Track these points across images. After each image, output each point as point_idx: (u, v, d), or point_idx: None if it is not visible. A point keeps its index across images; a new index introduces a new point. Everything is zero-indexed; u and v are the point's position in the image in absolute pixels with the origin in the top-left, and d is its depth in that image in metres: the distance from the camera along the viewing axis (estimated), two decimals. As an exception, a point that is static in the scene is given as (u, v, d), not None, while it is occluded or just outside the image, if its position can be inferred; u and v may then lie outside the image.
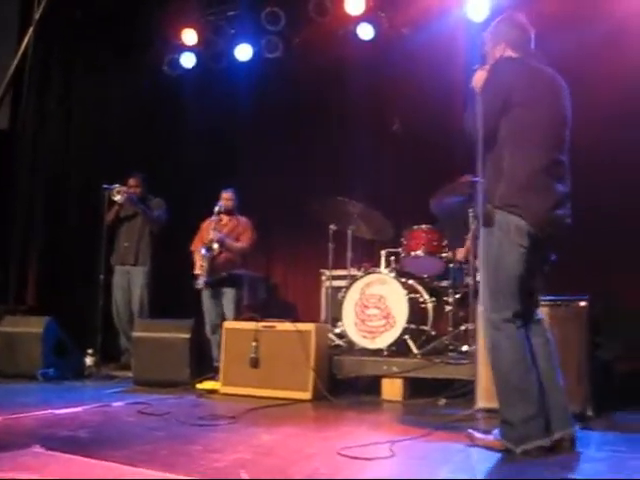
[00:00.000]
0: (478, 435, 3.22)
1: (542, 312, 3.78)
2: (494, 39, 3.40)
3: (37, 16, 1.93)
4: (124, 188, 6.54)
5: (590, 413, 4.05)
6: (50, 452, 2.81)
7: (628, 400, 4.42)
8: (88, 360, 6.04)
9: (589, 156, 5.67)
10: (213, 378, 5.34)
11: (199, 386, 5.28)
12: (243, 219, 6.55)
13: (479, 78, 3.28)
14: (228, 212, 6.48)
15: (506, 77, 3.20)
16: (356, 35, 7.17)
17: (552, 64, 3.38)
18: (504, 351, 3.10)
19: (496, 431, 3.15)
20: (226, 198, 6.48)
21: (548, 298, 4.33)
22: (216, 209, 6.33)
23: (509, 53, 3.34)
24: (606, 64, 5.77)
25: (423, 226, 5.68)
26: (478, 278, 5.56)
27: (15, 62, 1.92)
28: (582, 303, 4.26)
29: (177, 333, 5.49)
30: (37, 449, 2.84)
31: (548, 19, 5.44)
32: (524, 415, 3.01)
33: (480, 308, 3.34)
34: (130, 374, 5.69)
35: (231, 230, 6.44)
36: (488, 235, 3.18)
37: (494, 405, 4.13)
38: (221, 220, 6.46)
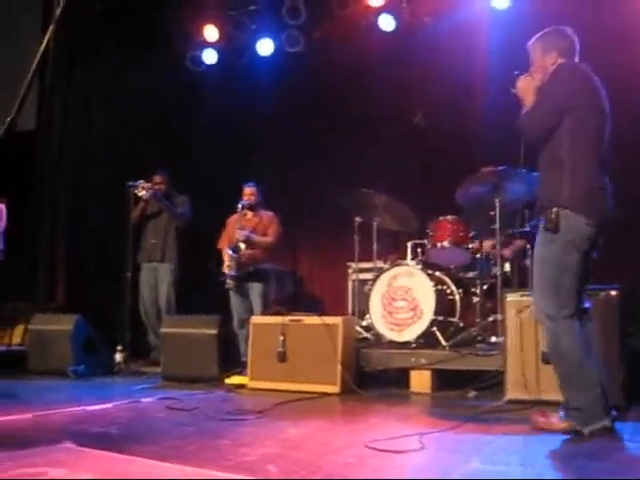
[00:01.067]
0: (541, 419, 3.37)
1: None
2: (544, 48, 3.52)
3: (58, 12, 1.93)
4: (149, 185, 6.57)
5: (622, 403, 3.99)
6: (81, 448, 2.84)
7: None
8: (117, 357, 6.08)
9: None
10: (241, 373, 5.36)
11: (227, 381, 5.30)
12: (267, 213, 6.54)
13: (526, 84, 3.48)
14: (252, 207, 6.46)
15: (567, 81, 3.36)
16: (378, 26, 7.13)
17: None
18: (565, 346, 3.24)
19: (562, 413, 3.31)
20: (248, 193, 6.46)
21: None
22: (239, 205, 6.32)
23: (561, 60, 3.46)
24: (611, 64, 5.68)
25: (449, 217, 5.63)
26: (506, 268, 5.58)
27: (37, 59, 1.93)
28: (613, 292, 4.20)
29: (204, 329, 5.52)
30: (68, 445, 2.87)
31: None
32: (590, 399, 3.18)
33: (510, 298, 3.44)
34: (159, 370, 5.73)
35: (256, 225, 6.43)
36: (549, 239, 3.28)
37: (523, 396, 4.13)
38: (245, 215, 6.45)
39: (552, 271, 3.29)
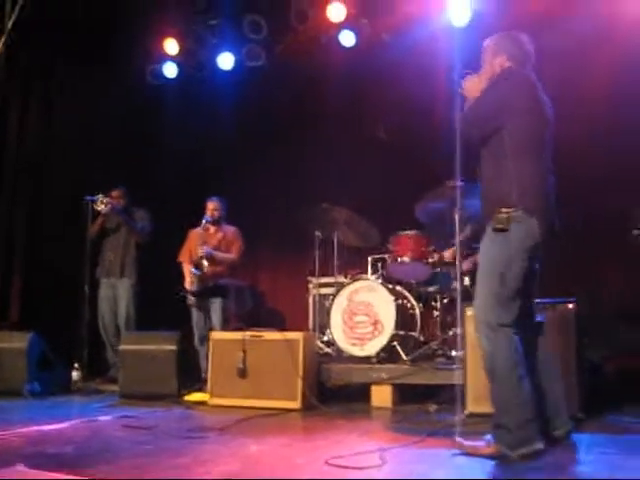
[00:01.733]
0: (467, 443, 3.20)
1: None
2: (495, 50, 3.49)
3: (10, 24, 1.89)
4: (107, 199, 6.48)
5: (580, 415, 4.04)
6: (34, 470, 2.76)
7: (616, 401, 4.42)
8: (74, 374, 5.96)
9: (577, 156, 5.74)
10: (201, 389, 5.30)
11: (187, 398, 5.24)
12: (231, 229, 6.46)
13: (471, 84, 3.46)
14: (215, 222, 6.40)
15: (509, 85, 3.31)
16: (338, 42, 7.16)
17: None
18: (500, 355, 3.12)
19: (488, 437, 3.13)
20: (212, 208, 6.38)
21: (536, 301, 4.34)
22: (203, 221, 6.24)
23: (509, 65, 3.43)
24: (591, 62, 5.81)
25: (409, 232, 5.67)
26: (466, 282, 5.63)
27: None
28: (570, 305, 4.26)
29: (163, 345, 5.45)
30: (20, 468, 2.79)
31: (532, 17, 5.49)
32: (521, 419, 3.03)
33: (470, 312, 3.35)
34: (117, 388, 5.62)
35: (219, 242, 6.35)
36: (498, 240, 3.20)
37: (484, 410, 4.13)
38: (208, 230, 6.38)
39: (495, 273, 3.18)
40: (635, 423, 4.00)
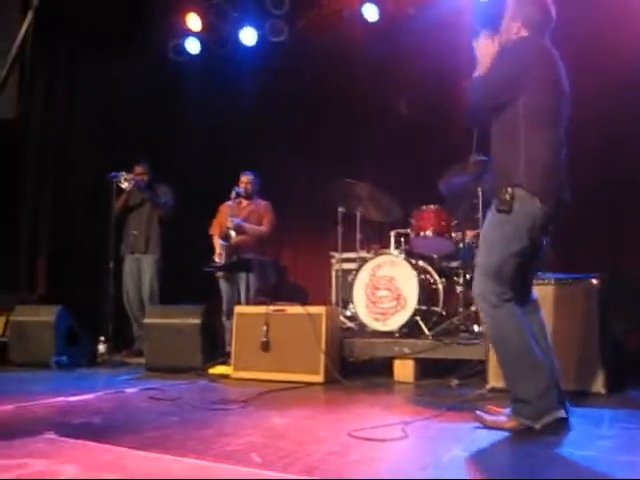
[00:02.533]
0: (488, 417, 3.19)
1: (552, 290, 3.82)
2: (514, 12, 3.31)
3: (35, 2, 1.91)
4: (131, 175, 6.54)
5: (602, 390, 4.04)
6: (63, 438, 2.82)
7: (638, 376, 4.41)
8: (100, 347, 6.07)
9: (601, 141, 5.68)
10: (225, 363, 5.36)
11: (211, 371, 5.30)
12: (263, 202, 6.49)
13: (485, 46, 3.28)
14: (248, 196, 6.41)
15: (525, 56, 3.16)
16: (361, 16, 7.11)
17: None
18: (509, 329, 3.08)
19: (507, 410, 3.13)
20: (245, 181, 6.41)
21: (559, 276, 4.33)
22: (233, 193, 6.25)
23: (524, 33, 3.27)
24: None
25: (432, 206, 5.65)
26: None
27: (14, 49, 1.90)
28: (594, 281, 4.23)
29: (188, 319, 5.52)
30: (50, 436, 2.85)
31: None
32: (538, 389, 3.01)
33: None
34: (142, 361, 5.72)
35: (250, 214, 6.38)
36: (502, 221, 3.11)
37: (505, 385, 4.15)
38: (240, 203, 6.40)
39: (498, 256, 3.11)
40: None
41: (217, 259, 6.17)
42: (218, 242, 6.22)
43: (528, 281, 3.32)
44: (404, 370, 4.95)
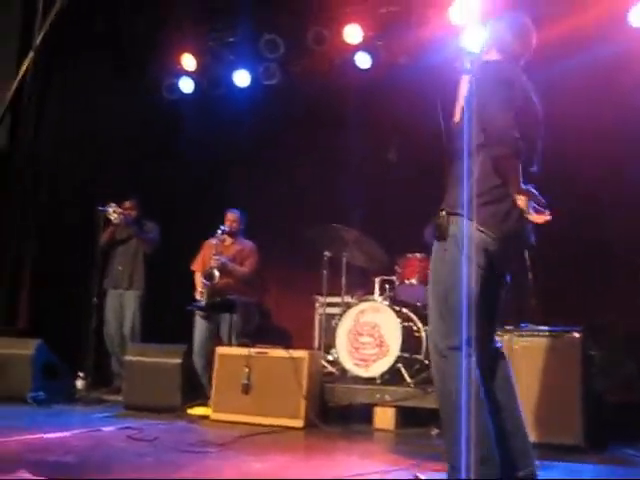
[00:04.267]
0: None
1: (534, 342, 3.79)
2: (491, 40, 3.18)
3: (38, 41, 1.94)
4: (120, 209, 6.54)
5: (583, 445, 4.03)
6: (36, 477, 2.77)
7: (619, 432, 4.40)
8: (79, 383, 5.97)
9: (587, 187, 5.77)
10: (204, 404, 5.30)
11: (190, 412, 5.24)
12: (249, 243, 6.47)
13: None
14: (232, 234, 6.41)
15: (508, 83, 2.91)
16: (354, 64, 7.22)
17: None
18: (450, 382, 2.77)
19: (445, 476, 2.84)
20: (231, 219, 6.40)
21: (542, 328, 4.36)
22: (219, 230, 6.25)
23: (496, 57, 3.11)
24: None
25: (417, 254, 5.69)
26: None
27: (15, 85, 1.93)
28: (576, 334, 4.26)
29: (169, 358, 5.47)
30: (23, 474, 2.80)
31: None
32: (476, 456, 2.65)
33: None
34: (121, 398, 5.65)
35: (235, 254, 6.36)
36: (440, 249, 2.93)
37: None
38: (224, 241, 6.40)
39: (440, 287, 2.89)
40: (637, 455, 3.98)
41: (198, 296, 6.14)
42: (200, 279, 6.19)
43: (489, 330, 3.04)
44: (384, 418, 4.92)
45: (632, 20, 5.81)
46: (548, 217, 2.84)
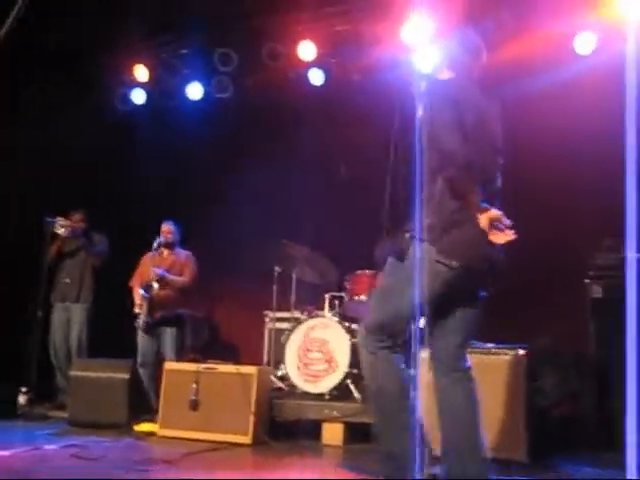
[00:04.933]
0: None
1: (478, 359, 3.84)
2: (442, 59, 3.26)
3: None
4: (67, 222, 6.45)
5: (527, 461, 4.11)
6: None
7: (564, 447, 4.50)
8: (21, 398, 5.84)
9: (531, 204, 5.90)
10: (152, 420, 5.24)
11: (137, 428, 5.17)
12: (184, 253, 6.45)
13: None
14: (168, 246, 6.36)
15: (458, 101, 2.95)
16: (307, 79, 7.27)
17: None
18: (382, 378, 3.02)
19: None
20: (166, 231, 6.37)
21: (487, 346, 4.43)
22: (155, 243, 6.22)
23: (447, 75, 3.18)
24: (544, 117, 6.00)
25: (367, 271, 5.73)
26: (421, 324, 5.69)
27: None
28: (520, 351, 4.34)
29: (116, 373, 5.40)
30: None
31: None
32: (405, 445, 2.88)
33: (425, 354, 3.23)
34: (65, 414, 5.53)
35: (172, 265, 6.31)
36: (397, 267, 3.02)
37: (434, 451, 4.18)
38: (162, 254, 6.35)
39: (389, 296, 3.01)
40: (579, 470, 4.08)
41: (137, 310, 6.06)
42: (138, 293, 6.11)
43: (458, 345, 3.11)
44: (333, 433, 4.93)
45: (577, 47, 5.99)
46: (512, 237, 2.83)
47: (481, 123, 3.00)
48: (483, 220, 2.81)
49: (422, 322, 4.51)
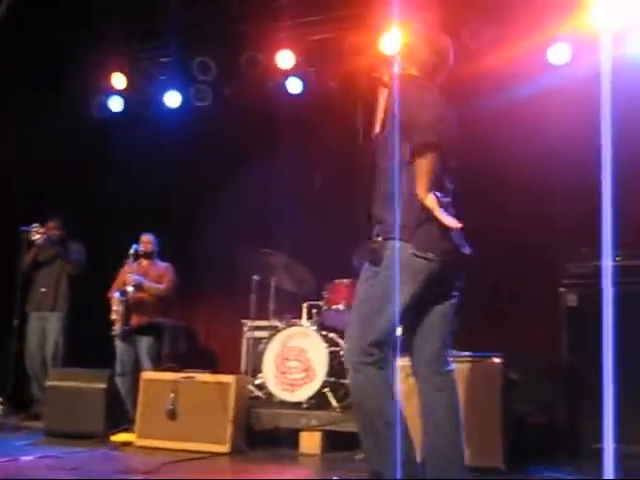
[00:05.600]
0: None
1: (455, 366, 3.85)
2: (408, 54, 3.24)
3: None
4: (43, 229, 6.41)
5: (504, 468, 4.15)
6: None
7: (540, 454, 4.55)
8: (-4, 409, 5.81)
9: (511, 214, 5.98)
10: (129, 430, 5.21)
11: (113, 438, 5.13)
12: (163, 264, 6.50)
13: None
14: (147, 256, 6.40)
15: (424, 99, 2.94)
16: (285, 88, 7.29)
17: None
18: (366, 394, 2.88)
19: None
20: (145, 242, 6.42)
21: (463, 354, 4.47)
22: (131, 251, 6.20)
23: (413, 72, 3.15)
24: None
25: (344, 280, 5.75)
26: (398, 332, 5.72)
27: None
28: (496, 360, 4.39)
29: (93, 383, 5.35)
30: None
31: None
32: (392, 466, 2.75)
33: (403, 362, 3.17)
34: (40, 425, 5.48)
35: (152, 274, 6.36)
36: (372, 273, 2.93)
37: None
38: (140, 263, 6.37)
39: (366, 308, 2.90)
40: (555, 476, 4.13)
41: (114, 316, 6.05)
42: (115, 299, 6.10)
43: (439, 348, 3.05)
44: (310, 442, 4.93)
45: (551, 58, 6.07)
46: (459, 225, 2.85)
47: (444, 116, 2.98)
48: (430, 200, 2.83)
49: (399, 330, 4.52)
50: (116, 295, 6.04)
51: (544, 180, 6.02)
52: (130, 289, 6.04)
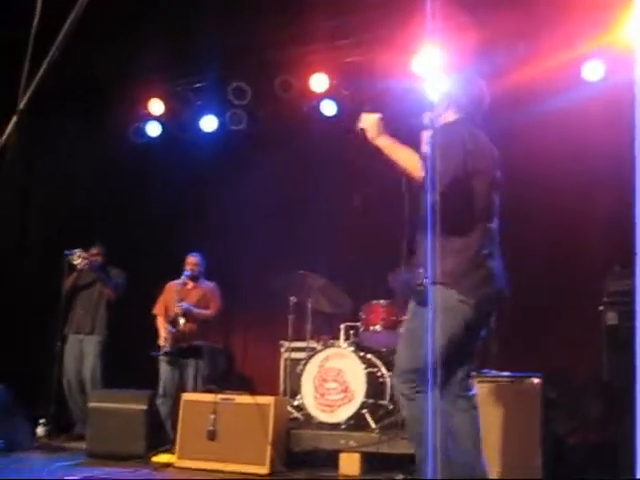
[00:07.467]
0: None
1: (494, 388, 3.87)
2: (446, 99, 3.40)
3: (22, 106, 1.98)
4: (85, 254, 6.52)
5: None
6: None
7: (579, 473, 4.49)
8: (39, 430, 5.89)
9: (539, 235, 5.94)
10: (169, 451, 5.26)
11: (154, 459, 5.18)
12: (210, 285, 6.55)
13: (371, 121, 3.46)
14: (194, 278, 6.46)
15: (466, 142, 3.12)
16: (319, 111, 7.36)
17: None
18: (422, 422, 2.99)
19: None
20: (192, 263, 6.46)
21: (502, 374, 4.46)
22: (183, 276, 6.31)
23: (451, 118, 3.33)
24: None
25: (381, 301, 5.77)
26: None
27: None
28: (535, 380, 4.36)
29: (134, 404, 5.41)
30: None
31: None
32: None
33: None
34: (83, 445, 5.56)
35: (199, 299, 6.41)
36: (420, 312, 3.10)
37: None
38: (186, 285, 6.43)
39: (415, 342, 3.08)
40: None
41: (162, 343, 6.13)
42: (163, 325, 6.19)
43: (462, 375, 3.22)
44: (350, 464, 4.92)
45: (586, 75, 6.05)
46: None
47: (479, 165, 3.16)
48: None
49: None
50: (168, 327, 6.12)
51: (578, 197, 5.98)
52: (182, 321, 6.11)
